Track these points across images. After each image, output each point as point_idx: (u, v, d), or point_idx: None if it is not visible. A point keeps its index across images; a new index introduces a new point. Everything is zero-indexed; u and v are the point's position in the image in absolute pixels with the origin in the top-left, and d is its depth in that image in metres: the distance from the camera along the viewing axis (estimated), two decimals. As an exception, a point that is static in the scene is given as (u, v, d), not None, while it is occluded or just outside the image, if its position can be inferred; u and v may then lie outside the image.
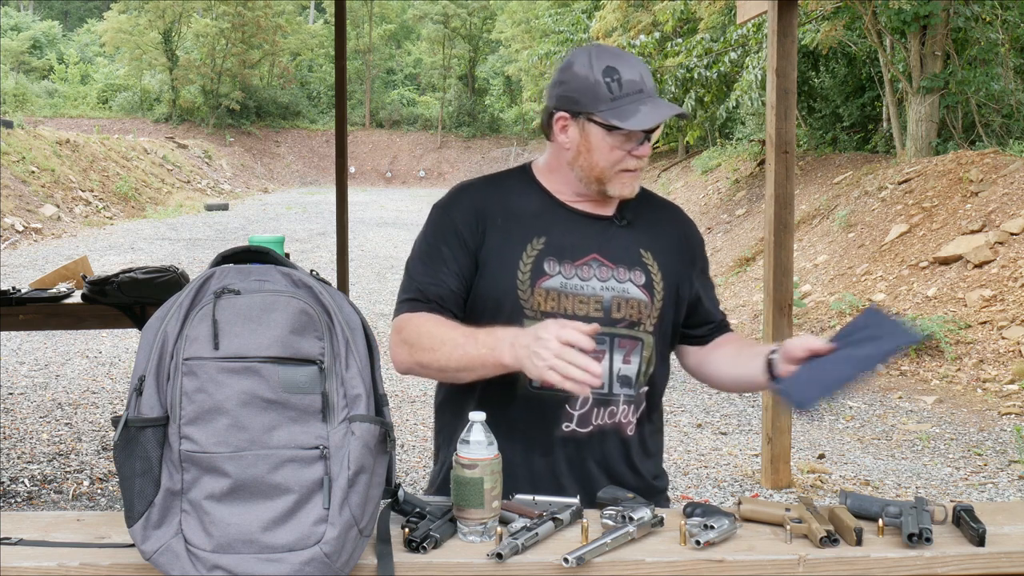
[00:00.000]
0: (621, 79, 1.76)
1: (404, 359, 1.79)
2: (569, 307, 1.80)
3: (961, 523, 1.60)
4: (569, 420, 1.82)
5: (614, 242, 1.86)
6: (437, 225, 1.87)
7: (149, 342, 1.43)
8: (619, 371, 1.83)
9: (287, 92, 45.18)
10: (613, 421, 1.84)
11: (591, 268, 1.82)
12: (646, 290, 1.85)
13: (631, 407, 1.86)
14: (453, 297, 1.82)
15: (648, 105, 1.76)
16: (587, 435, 1.83)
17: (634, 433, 1.88)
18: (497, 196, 1.89)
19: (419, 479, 5.16)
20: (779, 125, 4.75)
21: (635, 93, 1.76)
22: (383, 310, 10.57)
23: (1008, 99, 13.98)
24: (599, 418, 1.83)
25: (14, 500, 4.75)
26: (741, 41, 15.56)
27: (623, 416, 1.85)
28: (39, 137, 21.33)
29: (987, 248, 8.85)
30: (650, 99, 1.77)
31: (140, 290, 4.60)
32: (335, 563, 1.38)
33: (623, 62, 1.78)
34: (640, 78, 1.77)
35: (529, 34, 34.42)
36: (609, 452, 1.85)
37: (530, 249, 1.81)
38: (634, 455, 1.88)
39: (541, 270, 1.80)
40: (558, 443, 1.83)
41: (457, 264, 1.82)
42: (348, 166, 6.15)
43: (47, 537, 1.57)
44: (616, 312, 1.82)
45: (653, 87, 1.80)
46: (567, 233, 1.84)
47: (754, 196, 16.52)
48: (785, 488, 4.90)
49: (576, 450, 1.83)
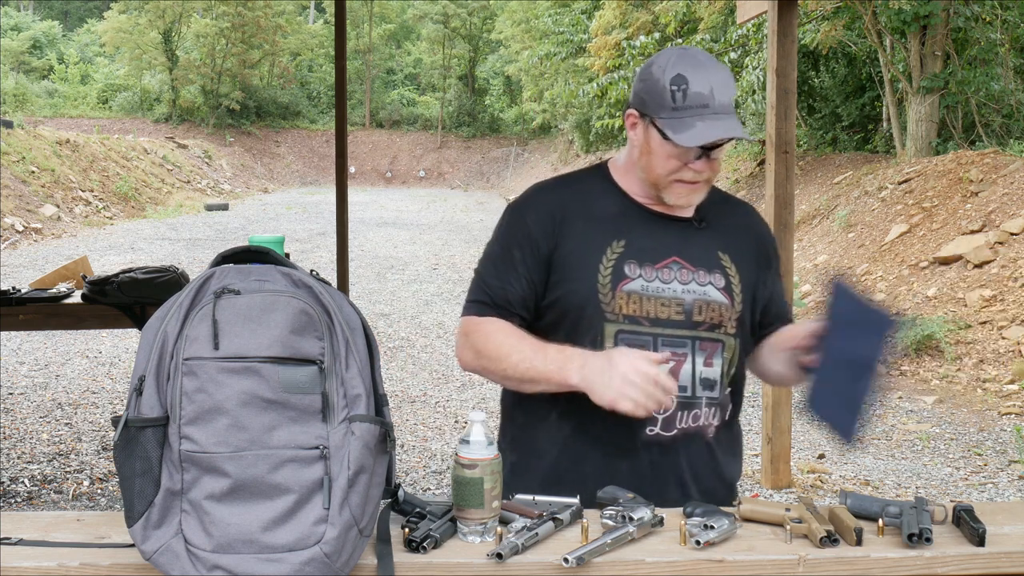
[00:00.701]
0: (688, 90, 1.72)
1: (470, 362, 1.83)
2: (651, 310, 1.79)
3: (961, 523, 1.60)
4: (653, 424, 1.80)
5: (693, 244, 1.85)
6: (510, 227, 1.87)
7: (149, 342, 1.43)
8: (701, 374, 1.81)
9: (287, 92, 45.19)
10: (697, 424, 1.83)
11: (672, 271, 1.81)
12: (726, 293, 1.84)
13: (714, 410, 1.84)
14: (522, 302, 1.82)
15: (707, 122, 1.72)
16: (671, 439, 1.81)
17: (716, 436, 1.86)
18: (573, 197, 1.88)
19: (419, 479, 5.16)
20: (779, 125, 4.75)
21: (698, 107, 1.72)
22: (383, 310, 10.57)
23: (1008, 99, 13.98)
24: (683, 421, 1.81)
25: (14, 500, 4.75)
26: (741, 41, 15.57)
27: (706, 419, 1.83)
28: (39, 137, 21.33)
29: (987, 248, 8.85)
30: (712, 116, 1.72)
31: (140, 290, 4.59)
32: (335, 563, 1.38)
33: (697, 72, 1.74)
34: (709, 92, 1.72)
35: (529, 34, 34.42)
36: (694, 456, 1.83)
37: (610, 252, 1.80)
38: (719, 459, 1.87)
39: (622, 273, 1.79)
40: (642, 447, 1.81)
41: (527, 268, 1.82)
42: (348, 166, 6.15)
43: (47, 537, 1.57)
44: (698, 315, 1.81)
45: (724, 103, 1.74)
46: (647, 236, 1.83)
47: (754, 196, 16.52)
48: (785, 488, 4.90)
49: (661, 454, 1.81)
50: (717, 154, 1.78)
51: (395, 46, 51.42)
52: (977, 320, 7.92)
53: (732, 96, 1.76)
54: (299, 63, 47.19)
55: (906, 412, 6.59)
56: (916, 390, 7.15)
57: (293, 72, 46.08)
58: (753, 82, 15.01)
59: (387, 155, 43.86)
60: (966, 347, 7.62)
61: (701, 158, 1.77)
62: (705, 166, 1.78)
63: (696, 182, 1.80)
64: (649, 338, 1.79)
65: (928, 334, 7.71)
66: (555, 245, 1.82)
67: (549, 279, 1.82)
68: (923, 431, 6.11)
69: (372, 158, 43.47)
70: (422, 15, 46.78)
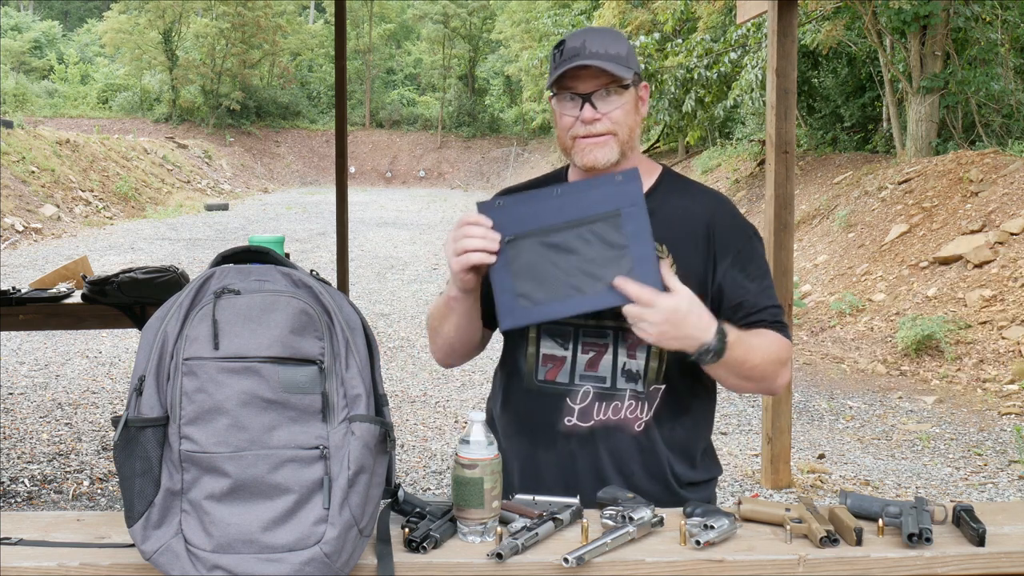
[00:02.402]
0: (564, 48, 1.76)
1: (432, 352, 1.95)
2: None
3: (961, 523, 1.60)
4: (571, 414, 1.81)
5: None
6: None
7: (149, 342, 1.43)
8: (624, 365, 1.80)
9: (287, 92, 45.17)
10: (618, 417, 1.80)
11: None
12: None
13: (640, 403, 1.80)
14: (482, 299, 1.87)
15: (572, 65, 1.73)
16: (589, 430, 1.80)
17: (645, 431, 1.81)
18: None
19: (419, 479, 5.16)
20: (779, 125, 4.75)
21: (571, 58, 1.74)
22: (383, 310, 10.57)
23: (1008, 99, 13.98)
24: (601, 413, 1.80)
25: (14, 500, 4.75)
26: (741, 41, 15.57)
27: (629, 412, 1.80)
28: (39, 137, 21.33)
29: (987, 248, 8.86)
30: (579, 60, 1.73)
31: (140, 290, 4.60)
32: (335, 563, 1.38)
33: (577, 35, 1.78)
34: (581, 44, 1.74)
35: (529, 34, 34.43)
36: (619, 449, 1.80)
37: None
38: (655, 456, 1.82)
39: None
40: (561, 438, 1.82)
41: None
42: (348, 166, 6.15)
43: (47, 537, 1.57)
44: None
45: (596, 51, 1.74)
46: None
47: (754, 196, 16.52)
48: (785, 488, 4.90)
49: (580, 445, 1.81)
50: (609, 105, 1.76)
51: (395, 46, 51.41)
52: (977, 320, 7.92)
53: (612, 50, 1.75)
54: (299, 63, 47.19)
55: (906, 412, 6.59)
56: (916, 390, 7.15)
57: (293, 72, 46.07)
58: (753, 82, 15.01)
59: (387, 155, 43.86)
60: (966, 347, 7.62)
61: (587, 107, 1.75)
62: (594, 114, 1.76)
63: (593, 135, 1.77)
64: (570, 328, 1.82)
65: (928, 334, 7.71)
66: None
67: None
68: (923, 431, 6.11)
69: (372, 158, 43.46)
70: (422, 15, 46.77)
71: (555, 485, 1.77)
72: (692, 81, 16.29)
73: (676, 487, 1.84)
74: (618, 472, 1.81)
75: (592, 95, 1.75)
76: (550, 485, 1.77)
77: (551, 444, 1.83)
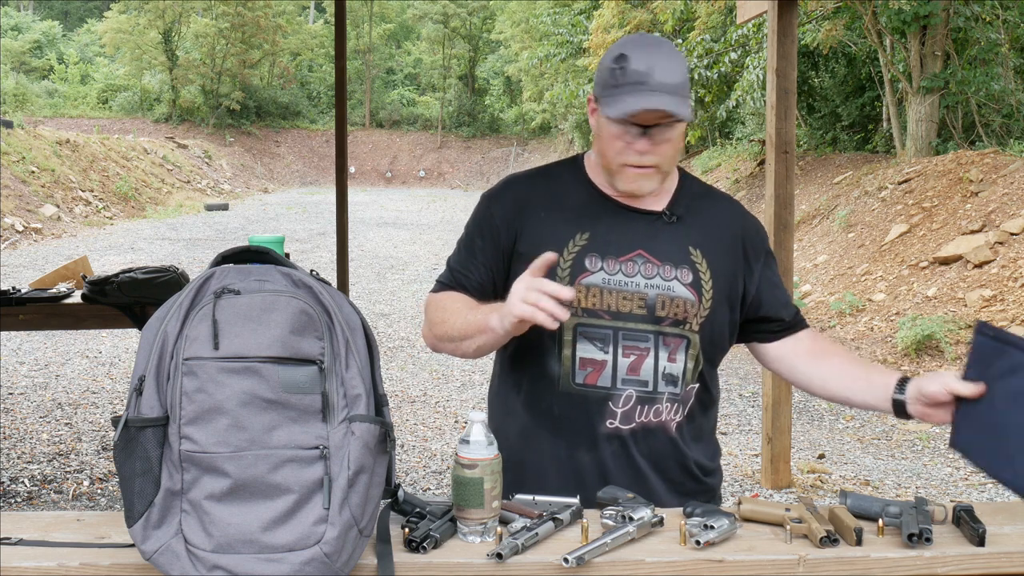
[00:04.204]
0: (627, 68, 1.70)
1: (426, 334, 1.88)
2: (612, 303, 1.79)
3: (961, 523, 1.60)
4: (613, 417, 1.80)
5: (661, 238, 1.83)
6: (476, 215, 1.91)
7: (149, 342, 1.43)
8: (664, 369, 1.80)
9: (287, 92, 45.18)
10: (659, 420, 1.82)
11: (636, 264, 1.80)
12: (693, 289, 1.82)
13: (676, 405, 1.83)
14: (479, 287, 1.85)
15: (639, 96, 1.69)
16: (630, 432, 1.81)
17: (680, 431, 1.84)
18: (543, 189, 1.88)
19: (419, 479, 5.16)
20: (779, 125, 4.75)
21: (634, 84, 1.69)
22: (383, 310, 10.57)
23: (1008, 99, 13.99)
24: (643, 416, 1.81)
25: (14, 500, 4.75)
26: (741, 41, 15.57)
27: (668, 414, 1.82)
28: (39, 137, 21.33)
29: (987, 248, 8.86)
30: (648, 92, 1.69)
31: (140, 290, 4.60)
32: (335, 563, 1.38)
33: (640, 51, 1.72)
34: (647, 69, 1.69)
35: (529, 34, 34.42)
36: (657, 449, 1.83)
37: (572, 245, 1.80)
38: (686, 452, 1.86)
39: (582, 266, 1.79)
40: (603, 440, 1.81)
41: (486, 256, 1.85)
42: (348, 166, 6.15)
43: (47, 537, 1.57)
44: (661, 310, 1.80)
45: (664, 82, 1.69)
46: (612, 228, 1.82)
47: (754, 196, 16.52)
48: (785, 488, 4.90)
49: (621, 447, 1.81)
50: (662, 137, 1.75)
51: (395, 46, 51.41)
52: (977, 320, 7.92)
53: (677, 79, 1.71)
54: (299, 63, 47.19)
55: (906, 412, 6.58)
56: (916, 390, 7.14)
57: (293, 72, 46.07)
58: (753, 82, 15.01)
59: (387, 155, 43.86)
60: (966, 347, 7.61)
61: (643, 138, 1.74)
62: (648, 147, 1.74)
63: (643, 166, 1.77)
64: (609, 331, 1.79)
65: (928, 334, 7.71)
66: (516, 236, 1.83)
67: (511, 269, 1.83)
68: (923, 431, 6.11)
69: (372, 158, 43.46)
70: (422, 15, 46.77)
71: (595, 486, 1.75)
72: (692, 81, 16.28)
73: (701, 476, 1.89)
74: (655, 470, 1.83)
75: (651, 128, 1.74)
76: (590, 485, 1.76)
77: (592, 446, 1.82)
